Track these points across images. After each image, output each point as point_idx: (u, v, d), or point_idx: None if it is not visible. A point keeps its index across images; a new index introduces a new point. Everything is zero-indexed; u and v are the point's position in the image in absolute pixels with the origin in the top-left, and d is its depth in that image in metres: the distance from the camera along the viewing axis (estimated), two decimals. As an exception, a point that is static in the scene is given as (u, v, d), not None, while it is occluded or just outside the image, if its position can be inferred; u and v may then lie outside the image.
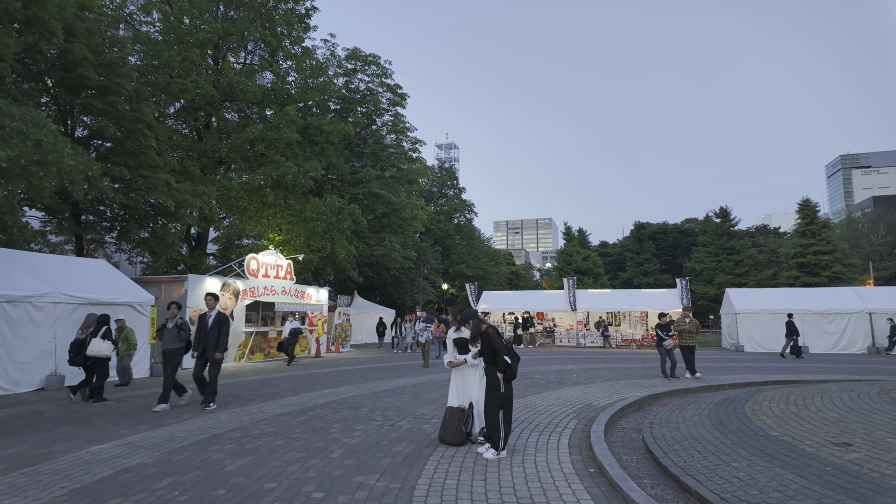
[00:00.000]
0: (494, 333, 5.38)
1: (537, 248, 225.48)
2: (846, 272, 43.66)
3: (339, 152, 25.26)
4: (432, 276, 37.09)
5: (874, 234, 62.50)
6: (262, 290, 17.22)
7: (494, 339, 5.31)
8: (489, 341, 5.33)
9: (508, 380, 5.28)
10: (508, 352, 5.29)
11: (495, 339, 5.30)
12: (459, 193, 55.30)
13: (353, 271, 25.00)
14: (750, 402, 6.94)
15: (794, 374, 12.27)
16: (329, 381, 11.29)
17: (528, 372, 13.06)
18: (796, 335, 18.46)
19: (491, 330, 5.40)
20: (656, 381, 11.08)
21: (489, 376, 5.37)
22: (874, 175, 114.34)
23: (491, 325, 5.50)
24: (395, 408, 7.92)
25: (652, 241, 63.86)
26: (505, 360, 5.23)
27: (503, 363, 5.23)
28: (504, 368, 5.23)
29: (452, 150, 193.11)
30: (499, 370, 5.27)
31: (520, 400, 8.58)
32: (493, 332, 5.38)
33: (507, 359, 5.24)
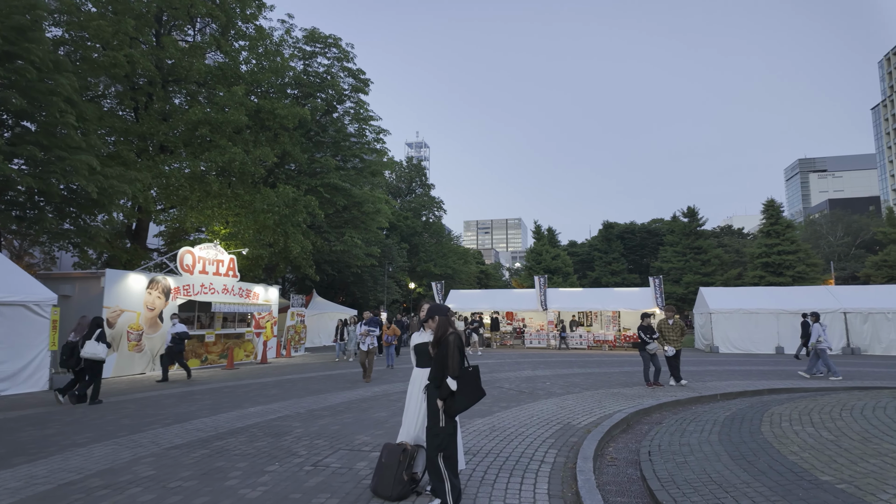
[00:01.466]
0: (456, 344, 3.89)
1: (507, 248, 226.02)
2: (809, 272, 44.13)
3: (295, 140, 23.34)
4: (398, 275, 35.37)
5: (833, 235, 64.03)
6: (198, 288, 15.26)
7: (452, 352, 3.83)
8: (445, 353, 3.84)
9: (451, 414, 3.80)
10: (463, 378, 3.81)
11: (452, 354, 3.82)
12: (428, 190, 53.72)
13: (310, 268, 23.12)
14: (766, 423, 5.64)
15: (786, 381, 11.21)
16: (263, 395, 9.57)
17: (496, 380, 11.61)
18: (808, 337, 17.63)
19: (454, 338, 3.91)
20: (639, 390, 9.80)
21: (430, 401, 3.89)
22: (829, 179, 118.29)
23: (457, 332, 4.00)
24: (329, 434, 6.32)
25: (620, 241, 63.81)
26: (449, 385, 3.76)
27: (446, 389, 3.75)
28: (445, 395, 3.75)
29: (423, 148, 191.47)
30: (440, 396, 3.79)
31: (486, 419, 7.10)
32: (456, 343, 3.89)
33: (454, 385, 3.76)
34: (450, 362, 3.78)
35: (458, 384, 3.78)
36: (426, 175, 53.99)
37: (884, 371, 13.56)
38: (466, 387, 3.81)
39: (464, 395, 3.78)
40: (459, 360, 3.85)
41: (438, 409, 3.81)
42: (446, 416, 3.78)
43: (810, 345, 12.56)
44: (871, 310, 19.85)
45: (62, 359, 8.94)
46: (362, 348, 11.62)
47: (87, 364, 8.76)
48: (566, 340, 23.68)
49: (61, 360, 8.95)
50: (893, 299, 20.22)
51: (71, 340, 8.99)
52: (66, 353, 8.92)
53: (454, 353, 3.81)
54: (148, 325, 13.53)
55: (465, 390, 3.80)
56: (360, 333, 11.63)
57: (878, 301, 20.20)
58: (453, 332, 3.95)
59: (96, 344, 8.75)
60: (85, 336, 8.83)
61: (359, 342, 11.65)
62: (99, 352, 8.74)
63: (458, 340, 3.91)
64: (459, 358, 3.85)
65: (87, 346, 8.70)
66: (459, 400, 3.77)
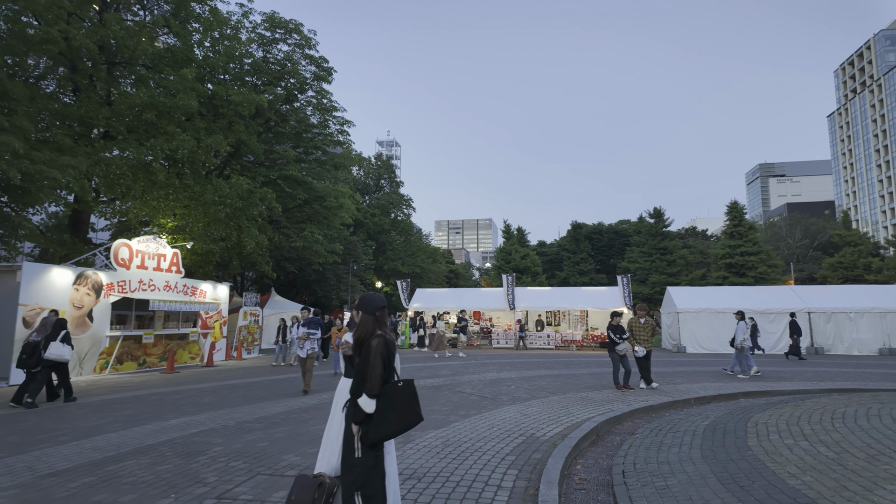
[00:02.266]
0: (380, 352, 3.01)
1: (477, 249, 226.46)
2: (770, 273, 45.05)
3: (252, 129, 22.01)
4: (364, 273, 34.23)
5: (791, 237, 65.96)
6: (135, 285, 13.94)
7: (373, 361, 2.96)
8: (365, 362, 2.98)
9: (369, 443, 2.93)
10: (388, 397, 2.94)
11: (373, 364, 2.95)
12: (397, 188, 52.67)
13: (266, 265, 21.85)
14: (752, 435, 4.99)
15: (758, 383, 10.76)
16: (193, 404, 8.49)
17: (458, 383, 10.80)
18: (799, 335, 17.41)
19: (379, 344, 3.04)
20: (609, 394, 9.14)
21: (347, 425, 3.03)
22: (788, 183, 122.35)
23: (386, 336, 3.12)
24: (252, 453, 5.36)
25: (588, 241, 64.09)
26: (362, 407, 2.90)
27: (361, 412, 2.89)
28: (361, 420, 2.90)
29: (394, 147, 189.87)
30: (354, 419, 2.93)
31: (441, 431, 6.26)
32: (380, 350, 3.02)
33: (371, 406, 2.90)
34: (369, 375, 2.92)
35: (377, 405, 2.90)
36: (395, 172, 52.91)
37: (851, 371, 13.37)
38: (391, 409, 2.90)
39: (387, 420, 2.89)
40: (382, 372, 2.98)
41: (353, 434, 2.95)
42: (363, 446, 2.91)
43: (737, 343, 12.52)
44: (834, 309, 19.93)
45: (21, 358, 8.58)
46: (300, 354, 9.82)
47: (51, 365, 8.71)
48: (524, 340, 23.08)
49: (20, 360, 8.61)
50: (855, 299, 20.37)
51: (32, 340, 8.66)
52: (26, 353, 8.56)
53: (376, 363, 2.93)
54: (74, 324, 12.18)
55: (389, 413, 2.89)
56: (297, 336, 9.87)
57: (841, 301, 20.32)
58: (379, 336, 3.08)
59: (62, 346, 8.67)
60: (49, 337, 8.65)
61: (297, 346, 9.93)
62: (65, 354, 8.70)
63: (383, 347, 3.01)
64: (382, 370, 2.97)
65: (51, 347, 8.54)
66: (381, 425, 2.88)
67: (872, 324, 19.46)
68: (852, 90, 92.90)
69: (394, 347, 3.15)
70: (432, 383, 10.82)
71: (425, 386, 10.38)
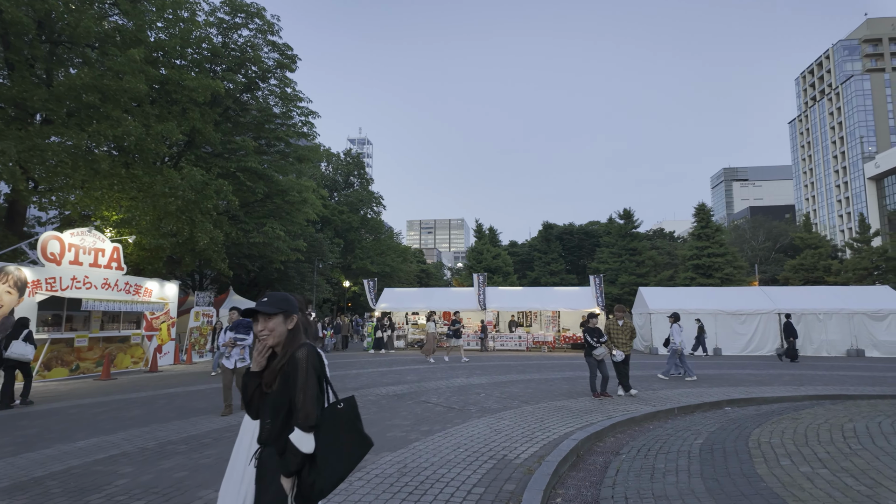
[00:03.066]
0: (312, 364, 2.10)
1: (449, 249, 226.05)
2: (736, 274, 45.72)
3: (209, 117, 20.63)
4: (328, 272, 32.97)
5: (755, 239, 67.54)
6: (67, 282, 12.56)
7: (304, 381, 2.06)
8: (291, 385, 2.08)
9: (315, 499, 2.03)
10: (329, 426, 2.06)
11: (304, 386, 2.05)
12: (367, 185, 51.43)
13: (222, 262, 20.48)
14: (758, 458, 4.30)
15: (737, 387, 10.25)
16: (115, 419, 7.37)
17: (423, 391, 9.93)
18: (794, 337, 17.07)
19: (308, 353, 2.13)
20: (586, 403, 8.43)
21: (268, 480, 2.11)
22: (751, 187, 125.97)
23: (309, 347, 2.17)
24: (164, 486, 4.37)
25: (559, 242, 64.15)
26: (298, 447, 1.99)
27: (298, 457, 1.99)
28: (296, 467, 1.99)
29: (366, 145, 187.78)
30: (287, 470, 2.00)
31: (397, 454, 5.38)
32: (312, 362, 2.11)
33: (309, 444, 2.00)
34: (301, 400, 2.02)
35: (318, 439, 2.02)
36: (364, 168, 51.64)
37: (826, 374, 13.08)
38: (335, 443, 2.04)
39: (334, 459, 2.02)
40: (318, 394, 2.09)
41: (285, 493, 2.03)
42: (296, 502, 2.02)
43: (669, 347, 12.24)
44: (803, 311, 19.89)
45: None
46: (226, 364, 7.76)
47: (13, 365, 8.74)
48: (485, 343, 22.34)
49: None
50: (824, 301, 20.39)
51: None
52: None
53: (310, 382, 2.05)
54: (-9, 327, 10.77)
55: (334, 449, 2.03)
56: (222, 344, 7.93)
57: (810, 302, 20.31)
58: (306, 345, 2.18)
59: (24, 344, 8.72)
60: (10, 336, 8.69)
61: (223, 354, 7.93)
62: (27, 353, 8.75)
63: (315, 358, 2.12)
64: (318, 391, 2.09)
65: (13, 346, 8.59)
66: (327, 468, 1.99)
67: (840, 325, 19.49)
68: (812, 98, 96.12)
69: (319, 359, 2.24)
70: (395, 391, 9.92)
71: (386, 395, 9.47)
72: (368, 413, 7.64)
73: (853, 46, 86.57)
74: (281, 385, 2.08)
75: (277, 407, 2.07)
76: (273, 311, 2.17)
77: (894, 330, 19.15)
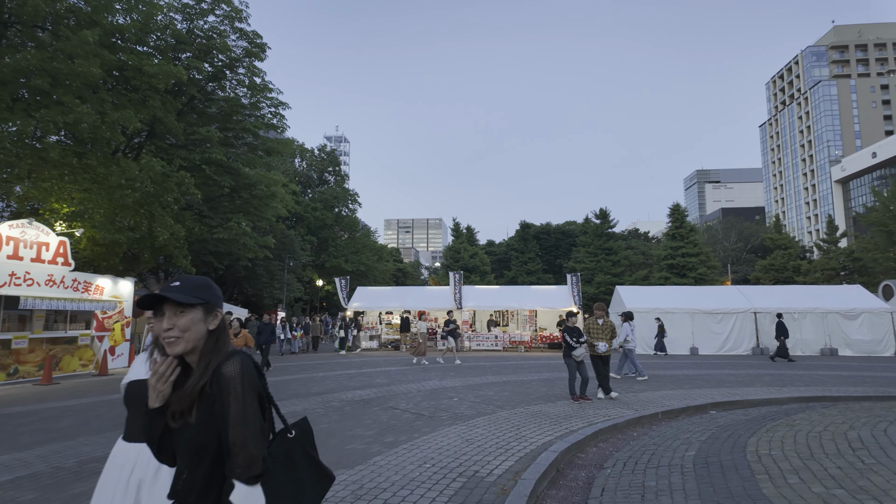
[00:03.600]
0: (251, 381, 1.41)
1: (427, 248, 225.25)
2: (709, 273, 46.24)
3: (170, 106, 19.55)
4: (299, 270, 31.98)
5: (727, 240, 68.70)
6: (5, 278, 11.51)
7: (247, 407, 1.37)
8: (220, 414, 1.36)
9: None
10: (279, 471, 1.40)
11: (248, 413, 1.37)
12: (342, 181, 50.40)
13: (184, 259, 19.44)
14: (762, 478, 3.80)
15: (720, 388, 9.88)
16: (40, 430, 6.52)
17: (391, 395, 9.28)
18: (785, 336, 16.78)
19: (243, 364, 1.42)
20: (565, 407, 7.90)
21: None
22: (722, 189, 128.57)
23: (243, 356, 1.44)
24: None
25: (536, 241, 64.12)
26: None
27: None
28: None
29: (343, 143, 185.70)
30: None
31: (355, 471, 4.73)
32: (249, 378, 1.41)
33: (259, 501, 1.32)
34: (237, 439, 1.33)
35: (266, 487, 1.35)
36: (339, 165, 50.59)
37: (805, 374, 12.89)
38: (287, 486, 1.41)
39: None
40: (262, 426, 1.42)
41: None
42: None
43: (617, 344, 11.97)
44: (778, 310, 19.84)
45: None
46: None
47: None
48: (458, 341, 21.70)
49: None
50: (798, 300, 20.43)
51: None
52: None
53: (246, 411, 1.36)
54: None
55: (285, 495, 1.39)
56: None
57: (785, 301, 20.32)
58: (236, 355, 1.45)
59: None
60: None
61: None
62: None
63: (252, 371, 1.42)
64: (260, 420, 1.41)
65: None
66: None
67: (815, 324, 19.52)
68: (782, 102, 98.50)
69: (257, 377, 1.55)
70: (362, 396, 9.24)
71: (352, 400, 8.79)
72: (329, 422, 6.96)
73: (821, 52, 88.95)
74: (203, 416, 1.38)
75: (197, 449, 1.38)
76: (188, 300, 1.43)
77: (866, 329, 19.26)
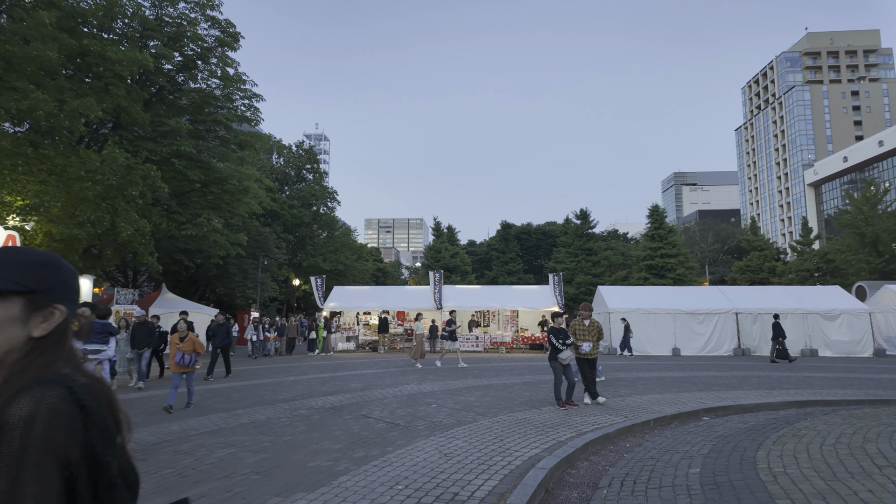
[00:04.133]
0: (37, 435, 0.79)
1: (408, 248, 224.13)
2: (688, 274, 46.56)
3: (136, 95, 18.57)
4: (275, 269, 31.00)
5: (704, 241, 69.56)
6: (-58, 276, 10.52)
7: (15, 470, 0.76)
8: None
9: None
10: None
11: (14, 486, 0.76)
12: (320, 179, 49.35)
13: (150, 256, 18.48)
14: (783, 500, 3.30)
15: (708, 392, 9.51)
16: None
17: (366, 401, 8.66)
18: (783, 337, 16.50)
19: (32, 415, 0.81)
20: (550, 414, 7.41)
21: None
22: (699, 192, 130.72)
23: (55, 395, 0.84)
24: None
25: (517, 241, 63.99)
26: None
27: None
28: None
29: (322, 141, 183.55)
30: None
31: (314, 495, 4.12)
32: (35, 433, 0.79)
33: None
34: None
35: None
36: (318, 162, 49.56)
37: (791, 375, 12.67)
38: None
39: None
40: None
41: None
42: None
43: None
44: (760, 310, 19.79)
45: None
46: None
47: None
48: (435, 343, 21.19)
49: None
50: (779, 301, 20.40)
51: None
52: None
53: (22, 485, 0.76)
54: None
55: None
56: None
57: (767, 302, 20.26)
58: (41, 390, 0.84)
59: None
60: None
61: None
62: None
63: (56, 424, 0.82)
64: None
65: None
66: None
67: (795, 325, 19.48)
68: (757, 106, 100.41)
69: (111, 409, 0.95)
70: (333, 402, 8.61)
71: (322, 407, 8.15)
72: (294, 433, 6.33)
73: (795, 58, 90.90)
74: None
75: None
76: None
77: (845, 330, 19.30)
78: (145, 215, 18.95)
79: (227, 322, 14.19)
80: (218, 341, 13.35)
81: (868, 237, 37.23)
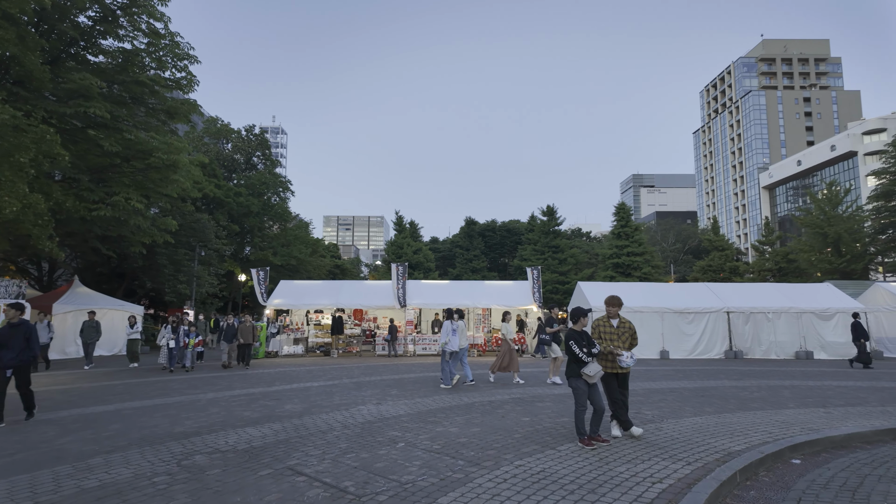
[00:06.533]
0: None
1: (368, 246, 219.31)
2: (654, 273, 45.73)
3: (32, 42, 15.11)
4: (216, 262, 27.52)
5: (666, 241, 69.66)
6: None
7: None
8: None
9: None
10: None
11: None
12: (272, 167, 45.67)
13: (48, 240, 15.06)
14: None
15: (764, 414, 7.38)
16: None
17: (299, 437, 6.02)
18: (865, 338, 14.44)
19: None
20: (577, 460, 5.01)
21: None
22: (657, 194, 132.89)
23: None
24: None
25: (481, 238, 62.12)
26: None
27: None
28: None
29: (280, 134, 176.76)
30: None
31: None
32: None
33: None
34: None
35: None
36: (269, 149, 45.87)
37: (817, 385, 10.82)
38: None
39: None
40: None
41: None
42: None
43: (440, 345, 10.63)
44: (752, 309, 18.20)
45: None
46: None
47: None
48: (394, 346, 18.66)
49: None
50: (772, 299, 18.88)
51: None
52: None
53: None
54: None
55: None
56: None
57: (759, 300, 18.71)
58: None
59: None
60: None
61: None
62: None
63: None
64: None
65: None
66: None
67: (789, 325, 18.01)
68: (715, 110, 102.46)
69: None
70: (251, 439, 5.93)
71: (232, 449, 5.45)
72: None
73: (751, 64, 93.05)
74: None
75: None
76: None
77: (840, 330, 17.95)
78: (44, 190, 15.51)
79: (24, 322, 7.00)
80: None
81: (830, 237, 37.08)
